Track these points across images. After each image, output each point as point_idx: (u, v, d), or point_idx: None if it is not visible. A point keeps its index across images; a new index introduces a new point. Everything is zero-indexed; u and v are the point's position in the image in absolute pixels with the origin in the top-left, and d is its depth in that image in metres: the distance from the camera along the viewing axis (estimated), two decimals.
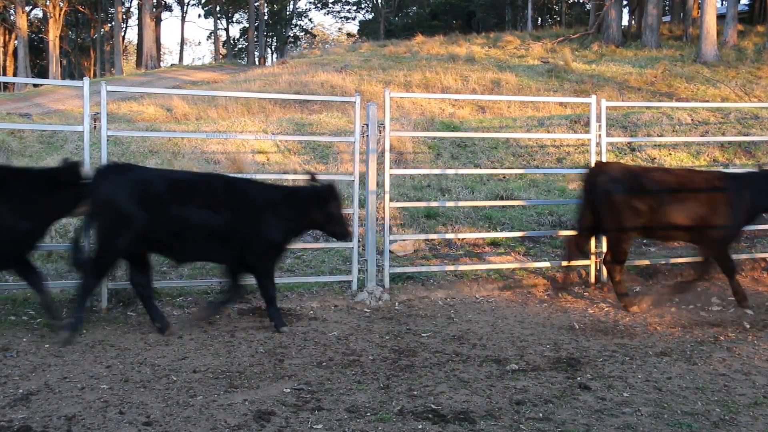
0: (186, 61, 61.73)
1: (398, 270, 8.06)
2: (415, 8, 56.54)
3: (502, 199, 10.41)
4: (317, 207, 6.61)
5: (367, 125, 7.92)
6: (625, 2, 33.95)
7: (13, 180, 6.24)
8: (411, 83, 21.02)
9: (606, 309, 7.62)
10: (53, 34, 40.86)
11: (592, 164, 8.13)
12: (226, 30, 62.45)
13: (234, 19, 63.09)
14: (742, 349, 6.19)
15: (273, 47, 64.85)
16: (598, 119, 8.48)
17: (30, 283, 6.44)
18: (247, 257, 6.49)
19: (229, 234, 6.33)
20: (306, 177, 6.94)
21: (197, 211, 6.23)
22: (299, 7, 63.22)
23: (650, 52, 25.63)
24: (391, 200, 8.11)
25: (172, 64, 54.65)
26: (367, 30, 56.28)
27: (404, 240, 8.81)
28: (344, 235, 6.83)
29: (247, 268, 6.61)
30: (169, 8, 56.43)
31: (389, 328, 6.75)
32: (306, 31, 65.98)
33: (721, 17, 26.19)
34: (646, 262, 8.75)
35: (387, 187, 7.95)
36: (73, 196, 6.28)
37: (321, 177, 7.06)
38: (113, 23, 49.31)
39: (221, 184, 6.55)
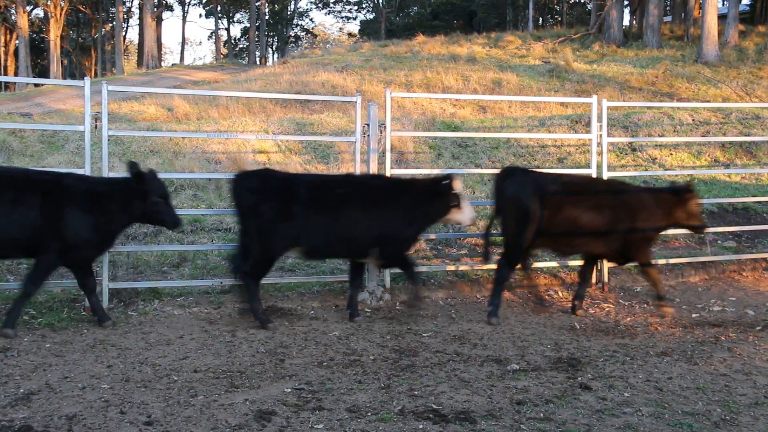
0: (187, 61, 61.73)
1: (399, 270, 8.05)
2: (416, 8, 56.47)
3: None
4: (680, 205, 7.22)
5: (368, 125, 7.92)
6: (626, 2, 33.91)
7: (407, 190, 6.99)
8: (412, 83, 21.01)
9: (607, 309, 7.62)
10: (54, 33, 40.85)
11: (593, 164, 8.13)
12: (227, 30, 62.52)
13: (235, 19, 63.12)
14: (743, 349, 6.19)
15: (274, 47, 64.87)
16: (599, 119, 8.48)
17: (353, 279, 7.23)
18: (628, 249, 7.19)
19: (609, 230, 7.05)
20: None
21: (586, 211, 7.02)
22: (300, 7, 63.27)
23: (651, 52, 25.61)
24: None
25: (173, 64, 54.68)
26: (368, 30, 56.24)
27: None
28: (703, 227, 7.53)
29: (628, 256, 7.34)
30: (170, 8, 56.44)
31: (390, 328, 6.75)
32: (307, 31, 65.96)
33: (722, 17, 26.17)
34: None
35: None
36: (445, 205, 6.97)
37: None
38: (114, 23, 49.32)
39: (603, 184, 7.54)
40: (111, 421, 4.43)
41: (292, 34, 64.02)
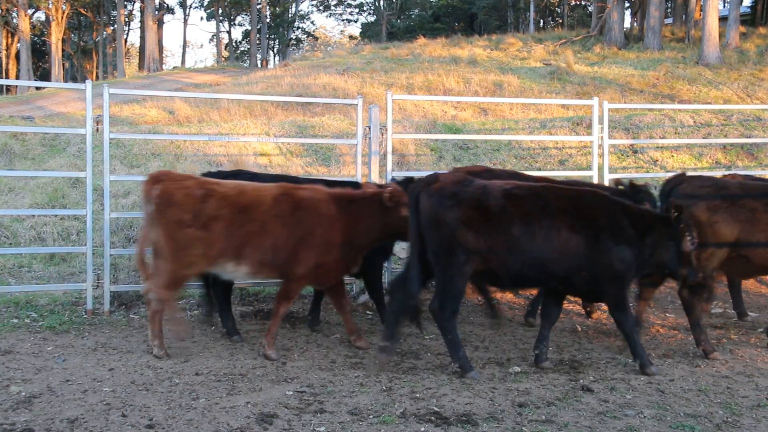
0: (188, 64, 61.77)
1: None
2: (417, 10, 56.47)
3: None
4: None
5: (370, 127, 7.93)
6: (627, 4, 33.91)
7: None
8: (413, 85, 20.99)
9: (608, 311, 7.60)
10: (56, 36, 40.94)
11: (595, 166, 8.12)
12: (229, 33, 62.54)
13: (236, 22, 63.15)
14: (745, 351, 6.18)
15: (275, 50, 64.89)
16: (601, 121, 8.48)
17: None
18: None
19: None
20: None
21: None
22: (301, 10, 63.10)
23: (652, 54, 25.56)
24: None
25: (174, 67, 54.66)
26: (369, 32, 56.23)
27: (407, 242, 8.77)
28: None
29: None
30: (171, 11, 56.47)
31: None
32: (308, 34, 65.97)
33: (723, 19, 26.15)
34: None
35: None
36: None
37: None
38: (116, 26, 49.35)
39: None
40: (113, 425, 4.43)
41: (293, 37, 64.02)
